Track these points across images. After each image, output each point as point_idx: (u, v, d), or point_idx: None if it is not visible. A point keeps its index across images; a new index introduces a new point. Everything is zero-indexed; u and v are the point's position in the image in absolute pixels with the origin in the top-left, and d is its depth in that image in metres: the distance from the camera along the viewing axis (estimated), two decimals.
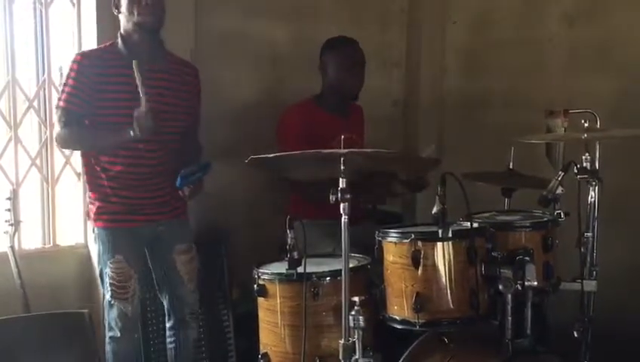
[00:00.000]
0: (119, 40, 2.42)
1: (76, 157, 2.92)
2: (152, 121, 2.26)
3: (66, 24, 2.91)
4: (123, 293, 2.44)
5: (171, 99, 2.43)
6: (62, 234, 2.96)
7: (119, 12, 2.41)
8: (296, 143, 2.47)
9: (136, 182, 2.43)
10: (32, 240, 2.91)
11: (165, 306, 2.61)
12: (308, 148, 2.03)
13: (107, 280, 2.45)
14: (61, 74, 2.91)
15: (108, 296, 2.47)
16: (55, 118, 2.46)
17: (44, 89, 2.91)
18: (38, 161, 2.90)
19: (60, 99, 2.42)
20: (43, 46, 2.89)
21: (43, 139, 2.91)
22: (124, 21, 2.41)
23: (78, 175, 2.92)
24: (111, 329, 2.49)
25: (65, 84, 2.41)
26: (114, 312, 2.46)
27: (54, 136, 2.49)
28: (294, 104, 2.88)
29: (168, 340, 2.63)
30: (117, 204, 2.43)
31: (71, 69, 2.39)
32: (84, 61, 2.39)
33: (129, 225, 2.45)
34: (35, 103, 2.90)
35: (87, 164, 2.48)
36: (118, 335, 2.47)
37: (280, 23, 3.24)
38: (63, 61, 2.91)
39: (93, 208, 2.48)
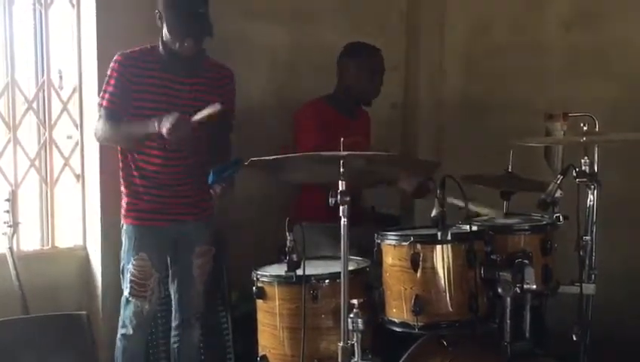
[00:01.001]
0: (160, 45, 2.45)
1: (75, 158, 2.92)
2: (184, 137, 2.31)
3: (65, 25, 2.91)
4: (142, 291, 2.46)
5: (205, 103, 2.43)
6: (60, 236, 2.95)
7: (161, 25, 2.42)
8: (318, 133, 2.48)
9: (169, 181, 2.46)
10: (30, 241, 2.91)
11: (173, 305, 2.62)
12: (327, 141, 2.01)
13: (128, 276, 2.47)
14: (60, 76, 2.92)
15: (126, 293, 2.49)
16: (98, 117, 2.50)
17: (44, 90, 2.90)
18: (37, 163, 2.89)
19: (102, 98, 2.46)
20: (42, 47, 2.88)
21: (42, 141, 2.91)
22: (164, 35, 2.42)
23: (77, 176, 2.92)
24: (124, 326, 2.50)
25: (106, 84, 2.45)
26: (130, 309, 2.48)
27: (95, 134, 2.53)
28: (306, 104, 2.88)
29: (173, 340, 2.64)
30: (147, 203, 2.47)
31: (112, 69, 2.44)
32: (125, 62, 2.43)
33: (157, 223, 2.48)
34: (34, 105, 2.89)
35: (123, 161, 2.52)
36: (131, 332, 2.49)
37: (280, 27, 3.24)
38: (62, 63, 2.91)
39: (123, 204, 2.52)
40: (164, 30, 2.41)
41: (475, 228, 2.12)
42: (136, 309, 2.47)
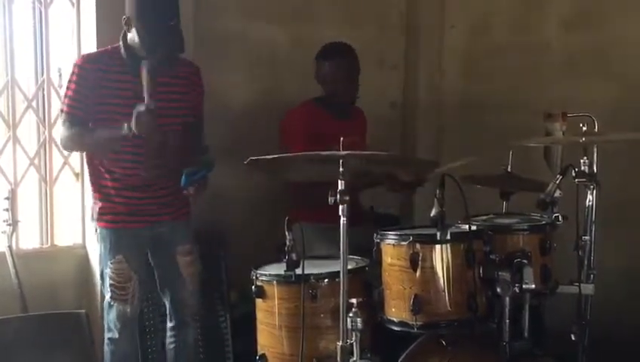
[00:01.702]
0: (122, 46, 2.40)
1: (75, 157, 2.92)
2: (151, 120, 2.25)
3: (65, 24, 2.91)
4: (123, 294, 2.44)
5: (173, 102, 2.43)
6: (60, 235, 2.96)
7: (128, 30, 2.36)
8: (305, 142, 2.48)
9: (139, 181, 2.42)
10: (29, 240, 2.91)
11: (167, 307, 2.61)
12: (314, 148, 2.02)
13: (107, 281, 2.45)
14: (60, 75, 2.92)
15: (107, 297, 2.47)
16: (60, 121, 2.46)
17: (43, 89, 2.90)
18: (36, 161, 2.90)
19: (63, 103, 2.42)
20: (42, 46, 2.88)
21: (41, 139, 2.91)
22: (129, 36, 2.37)
23: (77, 175, 2.92)
24: (110, 330, 2.48)
25: (67, 88, 2.40)
26: (113, 313, 2.46)
27: (59, 139, 2.49)
28: (295, 107, 2.89)
29: (169, 341, 2.62)
30: (120, 205, 2.44)
31: (73, 73, 2.39)
32: (86, 65, 2.39)
33: (131, 225, 2.45)
34: (34, 103, 2.89)
35: (91, 164, 2.48)
36: (117, 336, 2.47)
37: (279, 26, 3.24)
38: (62, 61, 2.91)
39: (96, 208, 2.48)
40: (134, 37, 2.33)
41: (474, 227, 2.12)
42: (119, 313, 2.45)
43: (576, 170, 2.19)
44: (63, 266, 2.88)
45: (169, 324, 2.61)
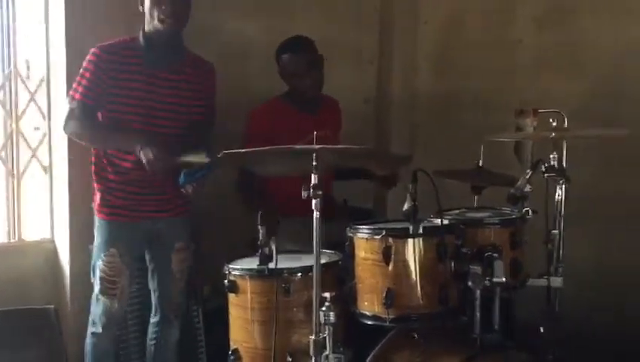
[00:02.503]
0: (140, 37, 2.39)
1: (43, 150, 2.87)
2: (163, 169, 2.29)
3: (33, 14, 2.85)
4: (112, 289, 2.42)
5: (185, 99, 2.42)
6: (28, 229, 2.90)
7: (143, 10, 2.38)
8: (255, 141, 2.45)
9: (143, 178, 2.41)
10: None
11: (153, 302, 2.59)
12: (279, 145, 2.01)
13: (98, 273, 2.44)
14: (28, 66, 2.86)
15: (96, 290, 2.45)
16: (68, 106, 2.43)
17: (10, 81, 2.84)
18: (3, 154, 2.83)
19: (75, 91, 2.39)
20: (9, 37, 2.82)
21: (8, 132, 2.85)
22: (146, 21, 2.38)
23: (45, 168, 2.87)
24: (94, 324, 2.47)
25: (82, 76, 2.38)
26: (99, 308, 2.45)
27: (64, 125, 2.45)
28: (261, 104, 2.88)
29: (150, 336, 2.61)
30: (120, 199, 2.43)
31: (89, 61, 2.37)
32: (103, 55, 2.36)
33: (129, 219, 2.44)
34: (1, 95, 2.83)
35: (96, 155, 2.46)
36: (100, 331, 2.45)
37: (252, 20, 3.22)
38: (29, 53, 2.85)
39: (96, 199, 2.47)
40: (145, 11, 2.35)
41: (446, 222, 2.13)
42: (105, 308, 2.43)
43: (546, 165, 2.22)
44: (31, 261, 2.83)
45: (152, 319, 2.61)
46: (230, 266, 2.19)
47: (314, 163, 1.91)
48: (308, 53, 2.83)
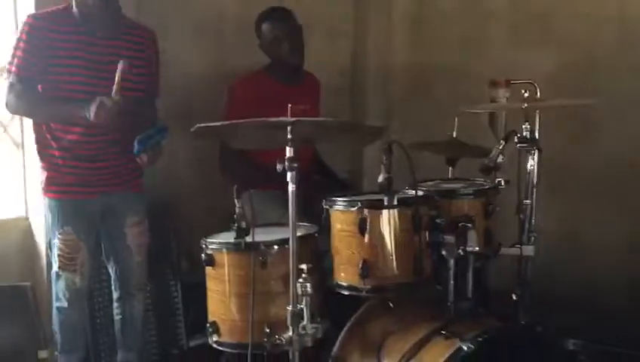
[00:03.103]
0: (73, 3, 2.32)
1: (15, 126, 2.82)
2: (113, 115, 2.20)
3: None
4: (71, 265, 2.40)
5: (126, 66, 2.34)
6: (1, 207, 2.87)
7: None
8: (238, 114, 2.45)
9: (90, 152, 2.36)
10: None
11: (112, 278, 2.57)
12: (260, 116, 2.01)
13: (55, 251, 2.40)
14: None
15: (55, 267, 2.42)
16: (5, 82, 2.34)
17: None
18: None
19: (11, 64, 2.31)
20: None
21: None
22: None
23: (17, 145, 2.83)
24: (58, 299, 2.45)
25: (15, 48, 2.29)
26: (62, 283, 2.42)
27: (5, 101, 2.36)
28: (244, 76, 2.86)
29: (115, 311, 2.60)
30: (68, 175, 2.37)
31: (22, 32, 2.29)
32: (36, 24, 2.29)
33: (80, 196, 2.39)
34: None
35: (37, 131, 2.39)
36: (66, 305, 2.44)
37: None
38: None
39: (42, 178, 2.40)
40: None
41: (420, 193, 2.16)
42: (68, 282, 2.41)
43: (519, 135, 2.25)
44: (6, 239, 2.81)
45: (114, 295, 2.59)
46: (207, 240, 2.19)
47: (289, 136, 1.92)
48: (288, 20, 2.84)
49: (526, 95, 2.27)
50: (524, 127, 2.25)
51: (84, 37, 2.29)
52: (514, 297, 2.28)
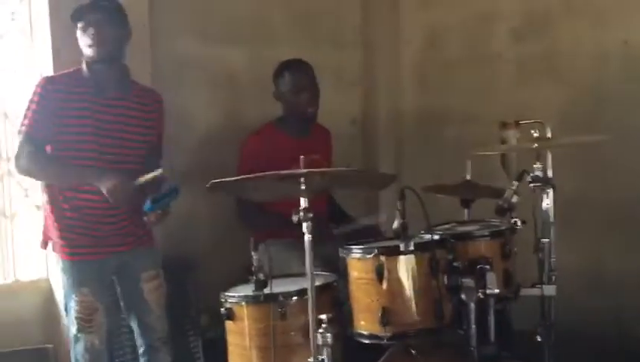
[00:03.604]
0: (84, 66, 2.40)
1: (35, 189, 2.88)
2: (125, 196, 2.28)
3: (20, 56, 2.88)
4: (89, 327, 2.40)
5: (135, 128, 2.43)
6: (23, 269, 2.90)
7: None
8: (249, 170, 2.47)
9: (100, 211, 2.39)
10: None
11: (135, 332, 2.58)
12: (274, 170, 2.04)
13: (73, 313, 2.41)
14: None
15: (74, 330, 2.42)
16: (17, 143, 2.40)
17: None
18: None
19: (22, 124, 2.36)
20: None
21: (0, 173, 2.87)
22: (84, 50, 2.40)
23: (37, 207, 2.88)
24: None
25: (27, 109, 2.36)
26: (80, 346, 2.42)
27: (15, 162, 2.41)
28: (254, 133, 2.91)
29: None
30: (81, 236, 2.39)
31: (34, 93, 2.36)
32: (48, 85, 2.36)
33: (94, 257, 2.41)
34: None
35: (49, 192, 2.42)
36: None
37: (237, 47, 3.27)
38: (13, 95, 2.88)
39: (56, 239, 2.43)
40: (78, 38, 2.36)
41: (436, 237, 2.16)
42: (87, 345, 2.40)
43: (531, 175, 2.26)
44: (27, 301, 2.83)
45: (139, 350, 2.58)
46: (226, 294, 2.20)
47: (302, 187, 1.94)
48: (309, 71, 2.91)
49: (536, 135, 2.29)
50: (535, 166, 2.26)
51: (93, 98, 2.36)
52: (538, 338, 2.24)
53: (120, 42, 2.40)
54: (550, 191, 2.29)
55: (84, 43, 2.36)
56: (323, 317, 1.95)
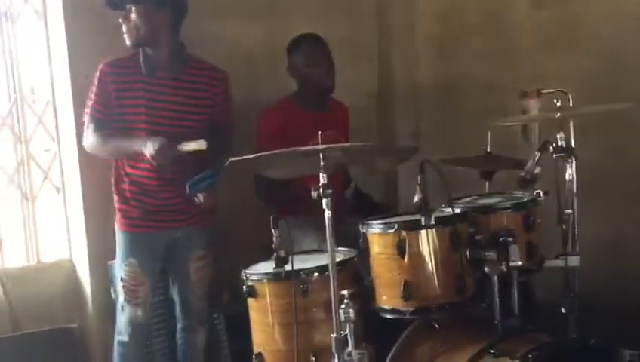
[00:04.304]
0: (140, 50, 2.48)
1: (55, 171, 2.90)
2: (167, 160, 2.35)
3: (34, 38, 2.88)
4: (134, 297, 2.47)
5: (185, 106, 2.48)
6: (46, 251, 2.94)
7: None
8: (266, 146, 2.47)
9: (156, 188, 2.47)
10: (15, 258, 2.89)
11: (177, 309, 2.64)
12: (291, 145, 2.03)
13: (120, 282, 2.49)
14: (33, 91, 2.90)
15: (120, 299, 2.50)
16: (85, 126, 2.52)
17: (17, 106, 2.88)
18: (15, 179, 2.87)
19: (86, 107, 2.49)
20: (12, 63, 2.86)
21: (19, 157, 2.89)
22: None
23: (58, 189, 2.91)
24: (120, 333, 2.51)
25: (90, 92, 2.48)
26: (125, 316, 2.49)
27: (85, 143, 2.54)
28: (271, 107, 2.89)
29: (179, 342, 2.66)
30: (136, 208, 2.49)
31: (95, 78, 2.47)
32: (106, 69, 2.46)
33: (145, 230, 2.49)
34: (9, 121, 2.87)
35: (115, 167, 2.53)
36: (126, 339, 2.50)
37: (251, 23, 3.23)
38: (34, 77, 2.89)
39: (116, 210, 2.53)
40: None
41: (457, 210, 2.13)
42: (131, 316, 2.48)
43: (554, 145, 2.21)
44: (51, 282, 2.87)
45: (178, 326, 2.65)
46: (247, 271, 2.21)
47: (321, 163, 1.92)
48: (323, 45, 2.88)
49: (558, 104, 2.24)
50: (558, 136, 2.21)
51: (146, 78, 2.46)
52: (562, 310, 2.22)
53: (154, 26, 2.44)
54: (573, 162, 2.25)
55: (123, 31, 2.45)
56: (344, 292, 1.95)
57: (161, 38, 2.46)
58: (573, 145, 2.26)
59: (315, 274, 2.12)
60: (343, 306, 1.94)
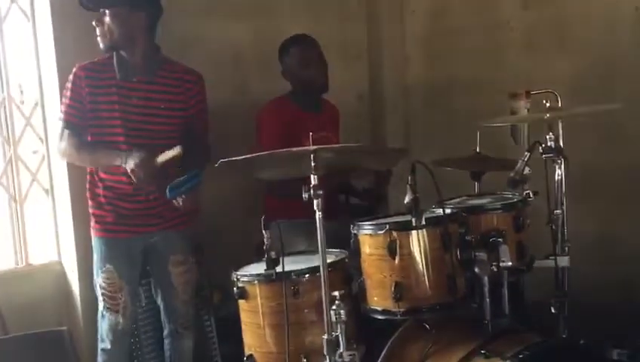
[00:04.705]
0: (114, 53, 2.46)
1: (44, 173, 2.88)
2: (148, 174, 2.32)
3: (22, 39, 2.86)
4: (114, 304, 2.45)
5: (160, 110, 2.46)
6: (34, 253, 2.91)
7: None
8: (279, 137, 2.51)
9: (131, 192, 2.44)
10: (4, 261, 2.86)
11: (161, 315, 2.63)
12: (282, 147, 2.03)
13: (99, 289, 2.47)
14: (21, 91, 2.87)
15: (100, 307, 2.49)
16: (58, 131, 2.50)
17: (5, 107, 2.85)
18: (3, 180, 2.85)
19: (60, 112, 2.47)
20: (0, 63, 2.83)
21: (7, 158, 2.86)
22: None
23: (47, 191, 2.88)
24: (102, 340, 2.50)
25: (64, 96, 2.46)
26: (105, 323, 2.48)
27: (58, 149, 2.52)
28: (272, 100, 2.88)
29: (166, 349, 2.65)
30: (110, 214, 2.46)
31: (69, 81, 2.45)
32: (80, 73, 2.44)
33: (120, 235, 2.47)
34: None
35: (89, 172, 2.51)
36: (109, 347, 2.48)
37: (240, 23, 3.22)
38: (22, 77, 2.86)
39: (91, 216, 2.51)
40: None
41: (448, 211, 2.14)
42: (111, 323, 2.46)
43: (543, 145, 2.22)
44: (40, 284, 2.84)
45: (164, 332, 2.64)
46: (238, 273, 2.20)
47: (312, 164, 1.92)
48: (315, 46, 2.89)
49: (547, 105, 2.25)
50: (547, 137, 2.23)
51: (119, 82, 2.43)
52: (553, 310, 2.23)
53: (129, 29, 2.41)
54: (562, 162, 2.26)
55: (96, 34, 2.43)
56: (336, 293, 1.94)
57: (135, 41, 2.43)
58: (562, 145, 2.28)
59: (306, 275, 2.11)
60: (334, 307, 1.93)
